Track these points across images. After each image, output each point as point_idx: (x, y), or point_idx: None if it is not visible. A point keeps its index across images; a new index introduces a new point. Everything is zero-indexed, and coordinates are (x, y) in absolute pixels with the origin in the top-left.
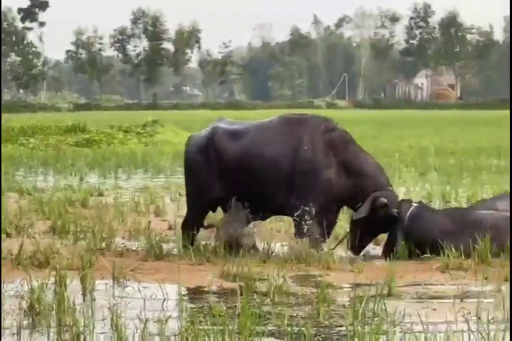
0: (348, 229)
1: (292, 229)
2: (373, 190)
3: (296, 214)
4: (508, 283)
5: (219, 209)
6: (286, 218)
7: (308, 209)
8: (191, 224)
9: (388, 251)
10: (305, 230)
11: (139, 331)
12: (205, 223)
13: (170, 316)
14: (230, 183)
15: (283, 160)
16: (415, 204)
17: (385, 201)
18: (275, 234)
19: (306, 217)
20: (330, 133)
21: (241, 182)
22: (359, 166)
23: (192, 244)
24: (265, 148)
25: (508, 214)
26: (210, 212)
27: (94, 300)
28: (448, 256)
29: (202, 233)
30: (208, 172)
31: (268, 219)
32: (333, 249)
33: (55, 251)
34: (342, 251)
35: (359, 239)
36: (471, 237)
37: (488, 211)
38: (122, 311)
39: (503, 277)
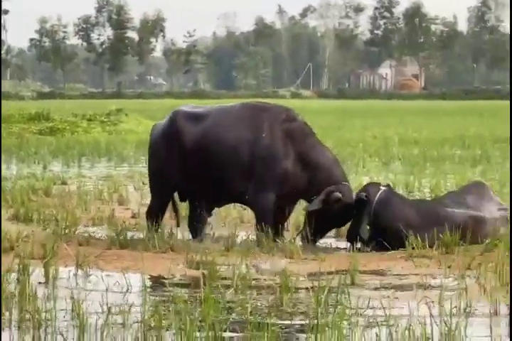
0: None
1: None
2: (328, 183)
3: (254, 202)
4: (471, 271)
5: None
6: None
7: (266, 197)
8: (155, 211)
9: (353, 237)
10: (265, 219)
11: (101, 320)
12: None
13: (132, 304)
14: (189, 167)
15: (242, 146)
16: (384, 188)
17: (340, 196)
18: (239, 222)
19: (265, 206)
20: (290, 123)
21: (200, 167)
22: (315, 159)
23: (156, 232)
24: (225, 132)
25: (477, 213)
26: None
27: (57, 288)
28: (412, 246)
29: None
30: (169, 156)
31: (233, 209)
32: (295, 238)
33: (22, 239)
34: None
35: (313, 231)
36: (436, 232)
37: (458, 209)
38: (85, 300)
39: (466, 265)
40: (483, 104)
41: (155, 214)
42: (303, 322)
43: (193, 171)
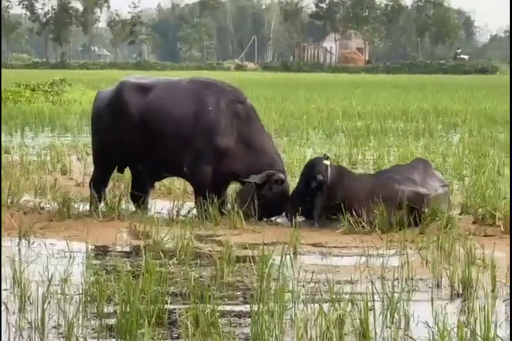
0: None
1: None
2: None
3: (192, 174)
4: (413, 244)
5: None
6: None
7: (203, 170)
8: (98, 181)
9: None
10: (203, 191)
11: (42, 289)
12: None
13: (71, 273)
14: (133, 139)
15: (186, 119)
16: (330, 165)
17: (283, 177)
18: (184, 193)
19: (202, 178)
20: (238, 103)
21: (143, 139)
22: (260, 144)
23: (100, 202)
24: (171, 105)
25: (422, 189)
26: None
27: None
28: (349, 221)
29: None
30: (113, 126)
31: (177, 179)
32: (238, 210)
33: None
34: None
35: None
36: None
37: (405, 184)
38: (27, 268)
39: (406, 239)
40: (427, 78)
41: (98, 183)
42: (246, 289)
43: (136, 143)
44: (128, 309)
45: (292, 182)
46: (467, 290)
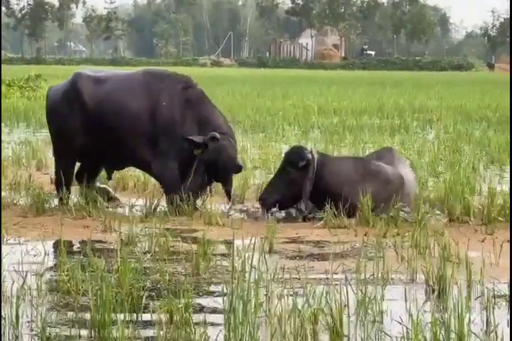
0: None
1: None
2: None
3: (159, 173)
4: (388, 240)
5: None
6: None
7: (170, 167)
8: (61, 177)
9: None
10: (173, 188)
11: (16, 284)
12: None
13: (46, 269)
14: (89, 130)
15: (141, 113)
16: (315, 151)
17: (217, 135)
18: (158, 189)
19: (171, 176)
20: (188, 90)
21: (99, 130)
22: (212, 123)
23: (68, 198)
24: (125, 98)
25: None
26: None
27: None
28: (331, 215)
29: None
30: (70, 119)
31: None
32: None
33: None
34: (223, 207)
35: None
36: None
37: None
38: (1, 265)
39: (382, 234)
40: (403, 74)
41: (62, 180)
42: (220, 285)
43: (92, 134)
44: (102, 303)
45: (269, 177)
46: (442, 286)
